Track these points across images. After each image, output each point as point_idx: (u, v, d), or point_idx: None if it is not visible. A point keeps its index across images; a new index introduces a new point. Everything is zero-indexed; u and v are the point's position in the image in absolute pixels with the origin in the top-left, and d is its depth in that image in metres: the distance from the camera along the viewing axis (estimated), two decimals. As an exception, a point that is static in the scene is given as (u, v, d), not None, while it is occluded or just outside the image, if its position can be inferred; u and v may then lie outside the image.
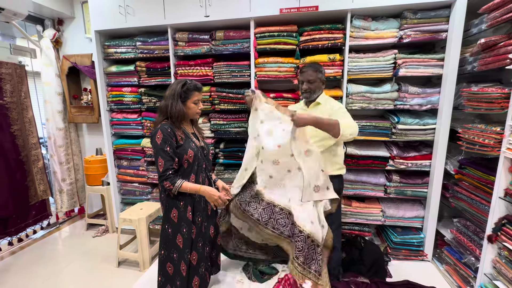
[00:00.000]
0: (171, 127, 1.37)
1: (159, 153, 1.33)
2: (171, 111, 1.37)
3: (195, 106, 1.44)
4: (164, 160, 1.32)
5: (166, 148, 1.32)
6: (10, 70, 2.35)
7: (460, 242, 1.77)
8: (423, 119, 1.95)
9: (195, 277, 1.43)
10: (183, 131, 1.44)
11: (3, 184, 2.26)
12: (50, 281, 1.98)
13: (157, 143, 1.33)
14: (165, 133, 1.33)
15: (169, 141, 1.33)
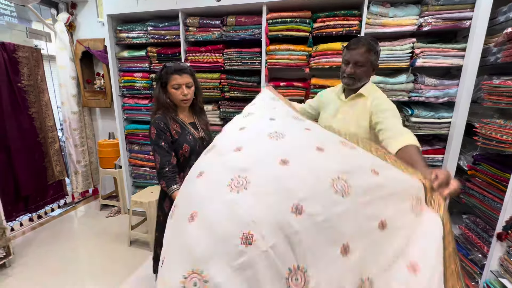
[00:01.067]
0: (164, 121, 1.29)
1: (155, 149, 1.29)
2: (156, 99, 1.32)
3: (175, 91, 1.29)
4: (160, 156, 1.27)
5: (161, 144, 1.27)
6: (27, 53, 2.41)
7: (468, 238, 1.75)
8: (439, 112, 1.88)
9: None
10: (178, 123, 1.35)
11: (23, 164, 2.38)
12: (68, 256, 2.12)
13: (152, 138, 1.29)
14: (158, 128, 1.28)
15: (163, 136, 1.28)
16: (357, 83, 1.26)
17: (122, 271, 1.90)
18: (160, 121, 1.29)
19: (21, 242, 2.29)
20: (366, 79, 1.28)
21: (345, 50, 1.26)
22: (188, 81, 1.31)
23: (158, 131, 1.27)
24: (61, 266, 1.99)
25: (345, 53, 1.26)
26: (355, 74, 1.23)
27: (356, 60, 1.21)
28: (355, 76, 1.24)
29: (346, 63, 1.26)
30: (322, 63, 1.97)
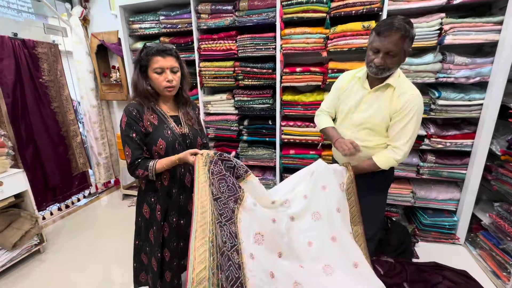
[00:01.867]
0: (137, 109, 1.09)
1: (125, 140, 1.09)
2: (134, 85, 1.13)
3: (158, 76, 1.07)
4: (131, 148, 1.08)
5: (132, 134, 1.08)
6: (46, 49, 2.46)
7: (500, 227, 1.65)
8: (469, 93, 1.75)
9: (167, 271, 1.27)
10: (156, 113, 1.14)
11: (49, 157, 2.49)
12: (95, 243, 2.23)
13: (122, 127, 1.10)
14: (130, 116, 1.08)
15: (134, 126, 1.08)
16: (386, 73, 1.16)
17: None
18: (133, 109, 1.09)
19: (52, 230, 2.44)
20: (396, 68, 1.17)
21: (375, 35, 1.11)
22: (173, 65, 1.09)
23: (129, 120, 1.08)
24: (90, 252, 2.10)
25: (375, 39, 1.11)
26: (385, 64, 1.11)
27: (389, 49, 1.07)
28: (385, 67, 1.12)
29: (375, 51, 1.12)
30: (341, 45, 1.87)
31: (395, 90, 1.17)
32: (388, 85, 1.19)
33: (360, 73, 1.29)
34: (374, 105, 1.23)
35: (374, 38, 1.12)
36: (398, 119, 1.16)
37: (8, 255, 1.82)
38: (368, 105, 1.25)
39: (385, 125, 1.22)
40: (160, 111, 1.15)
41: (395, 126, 1.18)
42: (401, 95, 1.15)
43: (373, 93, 1.23)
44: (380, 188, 1.40)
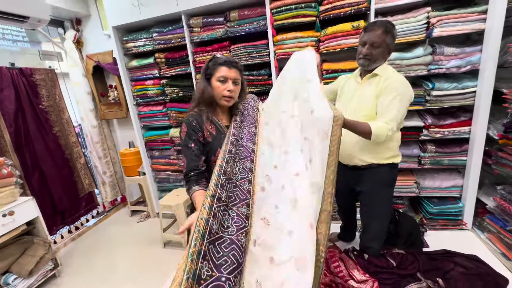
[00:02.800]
0: (197, 120, 1.15)
1: (183, 150, 1.14)
2: (196, 92, 1.20)
3: (220, 85, 1.14)
4: (187, 159, 1.12)
5: (191, 145, 1.12)
6: (43, 75, 2.50)
7: (505, 209, 1.69)
8: (462, 82, 1.79)
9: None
10: (214, 124, 1.19)
11: (56, 181, 2.52)
12: (108, 262, 2.25)
13: (182, 137, 1.15)
14: (189, 127, 1.14)
15: (193, 136, 1.13)
16: (373, 64, 1.33)
17: (161, 271, 2.00)
18: (193, 119, 1.14)
19: (65, 253, 2.45)
20: (381, 60, 1.33)
21: (362, 32, 1.34)
22: (237, 77, 1.16)
23: (189, 131, 1.13)
24: (104, 272, 2.12)
25: (362, 35, 1.33)
26: (371, 54, 1.30)
27: (373, 41, 1.27)
28: (370, 57, 1.31)
29: (362, 44, 1.32)
30: (333, 46, 1.91)
31: (381, 77, 1.33)
32: (375, 75, 1.35)
33: (355, 72, 1.50)
34: (365, 95, 1.38)
35: (362, 34, 1.34)
36: (383, 97, 1.28)
37: (25, 283, 1.84)
38: (360, 96, 1.41)
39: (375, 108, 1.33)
40: (217, 122, 1.21)
41: (381, 103, 1.29)
42: (385, 80, 1.30)
43: (364, 84, 1.40)
44: (386, 184, 1.45)
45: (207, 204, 0.87)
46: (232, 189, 1.03)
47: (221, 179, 0.99)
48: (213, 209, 0.88)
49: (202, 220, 0.82)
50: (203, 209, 0.85)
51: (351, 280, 1.50)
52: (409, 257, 1.65)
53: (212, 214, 0.86)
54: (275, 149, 1.25)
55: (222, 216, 0.92)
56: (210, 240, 0.81)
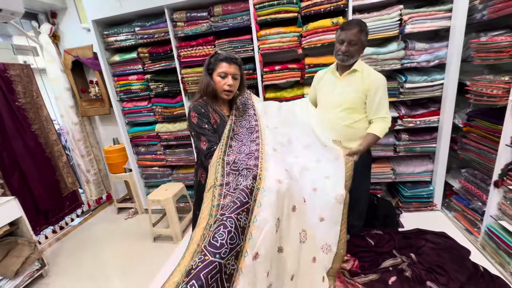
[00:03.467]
0: (204, 108, 1.26)
1: (199, 132, 1.23)
2: (201, 85, 1.30)
3: (220, 80, 1.25)
4: (207, 137, 1.22)
5: (205, 126, 1.23)
6: (18, 71, 2.39)
7: (468, 190, 1.88)
8: (431, 75, 1.95)
9: None
10: (218, 114, 1.31)
11: (37, 181, 2.44)
12: (97, 259, 2.24)
13: (194, 122, 1.24)
14: (199, 112, 1.25)
15: (205, 119, 1.25)
16: (350, 60, 1.47)
17: (152, 265, 2.02)
18: (200, 107, 1.26)
19: (50, 253, 2.40)
20: (357, 56, 1.49)
21: (339, 30, 1.45)
22: (236, 73, 1.27)
23: (200, 115, 1.24)
24: (93, 269, 2.12)
25: (340, 34, 1.44)
26: (349, 52, 1.43)
27: (350, 39, 1.40)
28: (349, 54, 1.43)
29: (340, 42, 1.44)
30: (314, 42, 2.00)
31: (362, 73, 1.47)
32: (355, 70, 1.49)
33: (331, 67, 1.62)
34: (348, 88, 1.51)
35: (340, 33, 1.45)
36: (373, 95, 1.45)
37: (11, 284, 1.81)
38: (342, 89, 1.53)
39: (361, 102, 1.48)
40: (220, 112, 1.33)
41: (373, 102, 1.46)
42: (368, 76, 1.46)
43: (344, 79, 1.52)
44: (366, 166, 1.63)
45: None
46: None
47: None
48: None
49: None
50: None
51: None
52: (386, 236, 1.80)
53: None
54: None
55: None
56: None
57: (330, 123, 1.54)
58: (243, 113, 1.45)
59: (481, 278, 1.45)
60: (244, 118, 1.42)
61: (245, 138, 1.29)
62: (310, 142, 1.49)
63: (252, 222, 0.95)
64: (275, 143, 1.32)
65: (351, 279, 1.49)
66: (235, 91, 1.33)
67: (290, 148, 1.42)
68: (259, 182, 1.02)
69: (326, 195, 1.32)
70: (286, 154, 1.33)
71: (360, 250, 1.70)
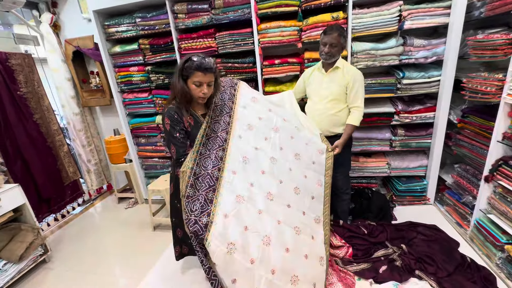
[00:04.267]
0: (177, 112, 1.29)
1: (170, 140, 1.29)
2: (174, 89, 1.31)
3: (196, 88, 1.27)
4: (176, 147, 1.28)
5: (176, 134, 1.28)
6: (19, 60, 2.41)
7: (460, 184, 1.94)
8: (428, 71, 1.98)
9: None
10: (192, 115, 1.36)
11: (39, 170, 2.49)
12: (99, 246, 2.31)
13: (166, 129, 1.29)
14: (172, 119, 1.28)
15: (177, 127, 1.28)
16: (332, 58, 1.70)
17: (152, 253, 2.09)
18: (173, 112, 1.29)
19: (52, 239, 2.47)
20: (338, 55, 1.71)
21: (322, 35, 1.69)
22: (211, 80, 1.28)
23: (173, 122, 1.28)
24: (95, 256, 2.18)
25: (323, 37, 1.68)
26: (331, 52, 1.67)
27: (331, 42, 1.64)
28: (331, 54, 1.68)
29: (324, 45, 1.68)
30: (314, 36, 2.01)
31: (343, 70, 1.71)
32: (337, 67, 1.72)
33: (317, 65, 1.83)
34: (332, 83, 1.74)
35: (323, 36, 1.69)
36: (350, 89, 1.70)
37: (15, 268, 1.87)
38: (328, 83, 1.75)
39: (343, 93, 1.73)
40: (194, 114, 1.38)
41: (350, 94, 1.71)
42: (347, 72, 1.70)
43: (329, 75, 1.75)
44: (348, 146, 1.85)
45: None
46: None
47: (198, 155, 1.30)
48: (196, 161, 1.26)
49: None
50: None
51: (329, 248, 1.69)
52: (378, 227, 1.86)
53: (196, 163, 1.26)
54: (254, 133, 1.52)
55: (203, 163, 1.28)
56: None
57: (319, 112, 1.79)
58: (219, 112, 1.48)
59: (468, 268, 1.52)
60: (219, 119, 1.45)
61: (214, 147, 1.36)
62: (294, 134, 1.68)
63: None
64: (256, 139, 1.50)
65: (343, 267, 1.56)
66: (209, 95, 1.35)
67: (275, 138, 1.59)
68: (210, 225, 1.14)
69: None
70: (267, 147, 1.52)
71: (354, 235, 1.77)
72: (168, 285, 1.66)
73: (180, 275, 1.72)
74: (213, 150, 1.34)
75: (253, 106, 1.62)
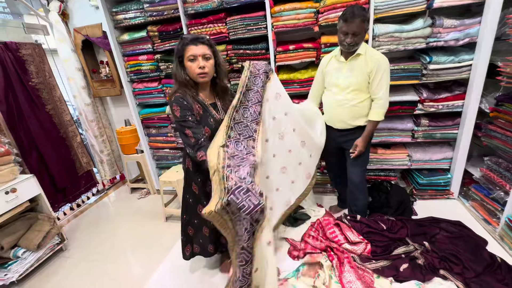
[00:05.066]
0: (185, 99, 1.20)
1: (183, 125, 1.18)
2: (175, 76, 1.23)
3: (191, 64, 1.18)
4: (191, 130, 1.17)
5: (188, 118, 1.18)
6: (30, 50, 2.39)
7: (490, 179, 1.79)
8: (459, 55, 1.80)
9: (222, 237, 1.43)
10: (200, 103, 1.25)
11: (54, 159, 2.52)
12: (113, 236, 2.34)
13: (177, 116, 1.19)
14: (182, 105, 1.18)
15: (188, 112, 1.19)
16: (355, 47, 1.52)
17: (164, 244, 2.09)
18: (182, 100, 1.19)
19: (69, 229, 2.52)
20: (361, 42, 1.52)
21: (342, 22, 1.46)
22: (205, 52, 1.19)
23: (182, 107, 1.18)
24: (109, 245, 2.21)
25: (343, 25, 1.46)
26: (354, 42, 1.47)
27: (354, 31, 1.43)
28: (353, 44, 1.48)
29: (344, 34, 1.47)
30: (332, 18, 1.87)
31: (365, 56, 1.52)
32: (358, 55, 1.53)
33: (335, 52, 1.65)
34: (354, 71, 1.56)
35: (343, 24, 1.46)
36: (374, 76, 1.52)
37: (34, 256, 1.92)
38: (349, 72, 1.58)
39: (365, 83, 1.56)
40: (201, 100, 1.27)
41: (373, 83, 1.54)
42: (370, 58, 1.51)
43: (349, 63, 1.57)
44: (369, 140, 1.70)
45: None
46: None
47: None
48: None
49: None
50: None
51: (346, 243, 1.62)
52: (398, 223, 1.76)
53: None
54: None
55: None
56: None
57: (338, 104, 1.65)
58: (250, 98, 1.32)
59: (498, 268, 1.41)
60: (248, 106, 1.30)
61: (244, 134, 1.23)
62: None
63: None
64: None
65: (361, 264, 1.49)
66: (210, 72, 1.23)
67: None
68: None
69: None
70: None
71: (372, 231, 1.68)
72: (179, 279, 1.66)
73: (189, 269, 1.72)
74: (243, 136, 1.22)
75: (274, 103, 1.44)
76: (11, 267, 1.81)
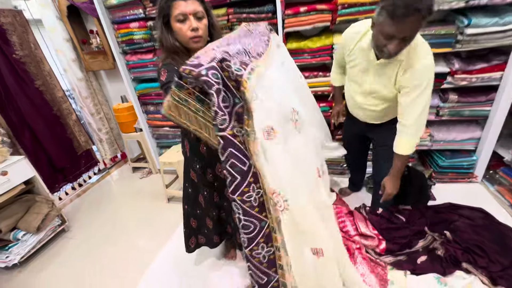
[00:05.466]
0: (176, 66, 0.96)
1: (169, 86, 0.86)
2: (160, 42, 1.01)
3: (181, 26, 0.94)
4: (168, 75, 0.93)
5: (175, 78, 0.91)
6: (10, 18, 2.15)
7: (524, 162, 1.60)
8: (504, 17, 1.50)
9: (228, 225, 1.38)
10: None
11: (49, 139, 2.41)
12: (116, 215, 2.30)
13: (162, 80, 0.96)
14: (171, 69, 0.95)
15: (177, 73, 0.90)
16: (399, 54, 1.06)
17: (167, 225, 2.03)
18: (172, 67, 0.96)
19: (71, 208, 2.49)
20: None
21: (387, 17, 0.93)
22: (197, 9, 0.94)
23: (171, 71, 0.94)
24: (111, 224, 2.18)
25: (387, 23, 0.93)
26: (400, 50, 1.02)
27: (405, 35, 0.94)
28: (398, 52, 1.03)
29: (388, 38, 0.97)
30: (352, -28, 1.56)
31: (405, 63, 1.09)
32: (396, 59, 1.09)
33: (365, 37, 1.16)
34: (382, 77, 1.19)
35: (387, 21, 0.94)
36: (406, 94, 1.12)
37: (35, 238, 1.89)
38: (376, 77, 1.21)
39: (393, 95, 1.21)
40: None
41: (404, 99, 1.14)
42: (410, 68, 1.08)
43: (379, 66, 1.16)
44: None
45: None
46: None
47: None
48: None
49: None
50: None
51: (356, 236, 1.50)
52: (416, 213, 1.62)
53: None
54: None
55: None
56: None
57: (358, 106, 1.39)
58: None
59: (527, 262, 1.28)
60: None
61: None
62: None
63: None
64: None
65: (377, 258, 1.38)
66: (204, 35, 1.00)
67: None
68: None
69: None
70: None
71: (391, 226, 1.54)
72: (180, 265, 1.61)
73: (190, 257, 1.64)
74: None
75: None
76: (12, 249, 1.79)
